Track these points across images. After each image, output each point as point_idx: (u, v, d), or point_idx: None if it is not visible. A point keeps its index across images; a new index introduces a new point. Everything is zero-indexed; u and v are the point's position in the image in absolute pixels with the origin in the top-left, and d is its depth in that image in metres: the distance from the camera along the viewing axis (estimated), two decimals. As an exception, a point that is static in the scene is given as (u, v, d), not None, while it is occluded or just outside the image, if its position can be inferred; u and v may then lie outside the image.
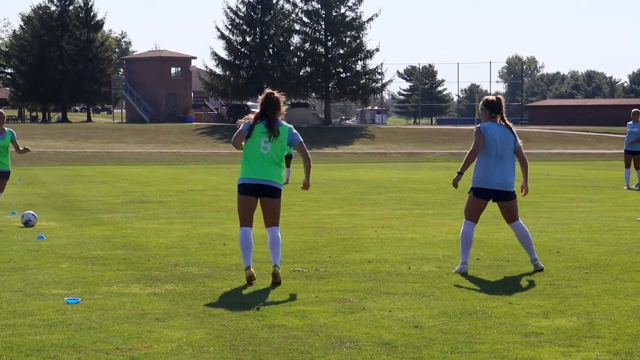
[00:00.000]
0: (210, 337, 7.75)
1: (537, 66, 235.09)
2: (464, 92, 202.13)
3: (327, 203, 21.36)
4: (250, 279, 10.29)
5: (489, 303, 9.13)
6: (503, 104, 11.26)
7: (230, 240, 14.20)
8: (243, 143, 10.45)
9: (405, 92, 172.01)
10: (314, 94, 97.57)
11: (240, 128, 10.48)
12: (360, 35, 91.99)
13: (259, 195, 10.59)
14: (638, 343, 7.43)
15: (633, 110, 24.71)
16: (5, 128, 16.39)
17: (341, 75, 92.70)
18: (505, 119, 11.32)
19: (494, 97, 11.29)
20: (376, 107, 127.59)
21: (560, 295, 9.55)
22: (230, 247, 13.41)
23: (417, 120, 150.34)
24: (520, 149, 11.33)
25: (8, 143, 16.18)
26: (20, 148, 16.60)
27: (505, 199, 11.27)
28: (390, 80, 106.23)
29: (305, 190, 10.94)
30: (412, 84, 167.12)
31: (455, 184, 11.53)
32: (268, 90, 10.55)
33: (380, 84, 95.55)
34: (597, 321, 8.23)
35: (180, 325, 8.19)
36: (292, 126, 10.51)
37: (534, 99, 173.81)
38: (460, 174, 11.40)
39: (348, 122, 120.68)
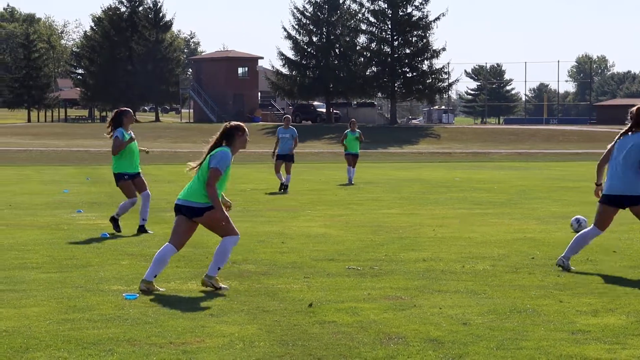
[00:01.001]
0: (262, 332, 7.94)
1: (608, 65, 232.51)
2: (532, 92, 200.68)
3: (388, 202, 21.47)
4: (145, 292, 9.76)
5: (540, 301, 9.20)
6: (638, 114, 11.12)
7: (288, 238, 14.40)
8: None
9: (472, 92, 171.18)
10: (380, 94, 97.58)
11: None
12: (427, 34, 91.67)
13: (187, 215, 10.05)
14: (684, 341, 7.46)
15: None
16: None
17: (407, 75, 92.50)
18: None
19: (634, 108, 11.25)
20: (443, 107, 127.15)
21: (612, 294, 9.58)
22: (289, 245, 13.60)
23: (484, 120, 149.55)
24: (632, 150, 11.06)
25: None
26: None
27: (628, 203, 11.09)
28: (457, 80, 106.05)
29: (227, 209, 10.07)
30: (479, 84, 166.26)
31: (595, 194, 11.59)
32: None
33: (446, 84, 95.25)
34: (646, 320, 8.27)
35: (233, 320, 8.39)
36: (225, 150, 9.92)
37: (603, 99, 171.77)
38: (597, 184, 11.51)
39: (414, 121, 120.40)
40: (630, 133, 11.22)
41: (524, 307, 8.88)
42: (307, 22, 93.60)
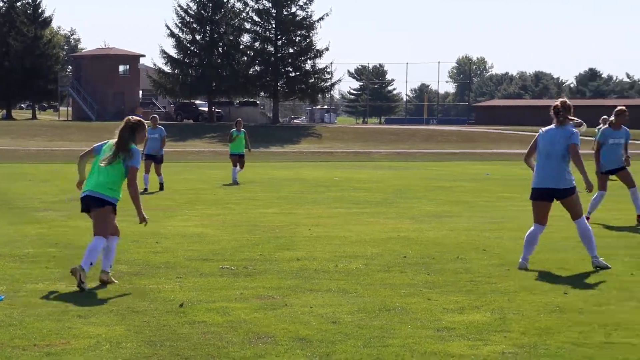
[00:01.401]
0: (130, 333, 7.86)
1: (487, 66, 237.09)
2: (413, 92, 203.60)
3: (266, 202, 21.48)
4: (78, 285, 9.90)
5: (409, 299, 9.34)
6: (565, 107, 11.49)
7: (163, 238, 14.30)
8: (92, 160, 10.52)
9: (355, 92, 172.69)
10: (262, 93, 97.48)
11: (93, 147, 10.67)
12: (310, 34, 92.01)
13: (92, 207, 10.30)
14: (544, 337, 7.69)
15: (603, 117, 24.27)
16: None
17: (290, 75, 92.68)
18: (566, 119, 11.50)
19: (557, 102, 11.66)
20: (325, 107, 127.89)
21: (479, 291, 9.79)
22: (163, 245, 13.51)
23: (366, 120, 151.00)
24: (572, 146, 11.39)
25: None
26: None
27: (560, 196, 11.50)
28: (340, 80, 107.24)
29: (143, 224, 10.53)
30: (361, 84, 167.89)
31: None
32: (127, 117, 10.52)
33: (329, 84, 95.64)
34: (509, 316, 8.48)
35: (101, 321, 8.28)
36: (136, 147, 10.38)
37: (482, 99, 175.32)
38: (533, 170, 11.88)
39: (296, 121, 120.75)
40: (555, 127, 11.60)
41: (393, 306, 9.00)
42: (191, 20, 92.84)
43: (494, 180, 30.29)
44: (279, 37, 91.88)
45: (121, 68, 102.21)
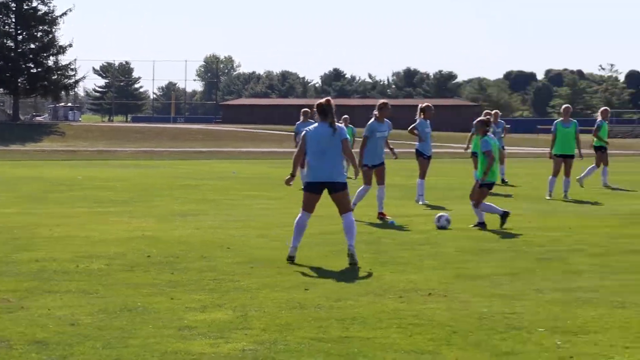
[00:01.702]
0: None
1: (234, 65, 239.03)
2: (160, 90, 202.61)
3: (4, 201, 20.67)
4: None
5: (151, 299, 9.25)
6: (330, 105, 11.89)
7: None
8: None
9: (100, 89, 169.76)
10: (2, 90, 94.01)
11: None
12: (53, 30, 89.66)
13: None
14: (284, 332, 7.80)
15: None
16: None
17: (32, 71, 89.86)
18: (333, 118, 11.92)
19: (322, 100, 12.06)
20: (69, 104, 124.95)
21: (222, 289, 9.82)
22: None
23: (112, 118, 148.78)
24: (344, 141, 11.87)
25: None
26: None
27: (333, 190, 11.90)
28: (84, 77, 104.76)
29: None
30: (107, 81, 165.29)
31: (287, 183, 12.36)
32: None
33: (72, 81, 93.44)
34: (251, 313, 8.55)
35: None
36: None
37: (229, 98, 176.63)
38: (292, 175, 12.17)
39: (39, 118, 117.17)
40: (321, 124, 11.99)
41: (135, 305, 8.88)
42: None
43: (241, 179, 30.53)
44: (19, 32, 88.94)
45: None
